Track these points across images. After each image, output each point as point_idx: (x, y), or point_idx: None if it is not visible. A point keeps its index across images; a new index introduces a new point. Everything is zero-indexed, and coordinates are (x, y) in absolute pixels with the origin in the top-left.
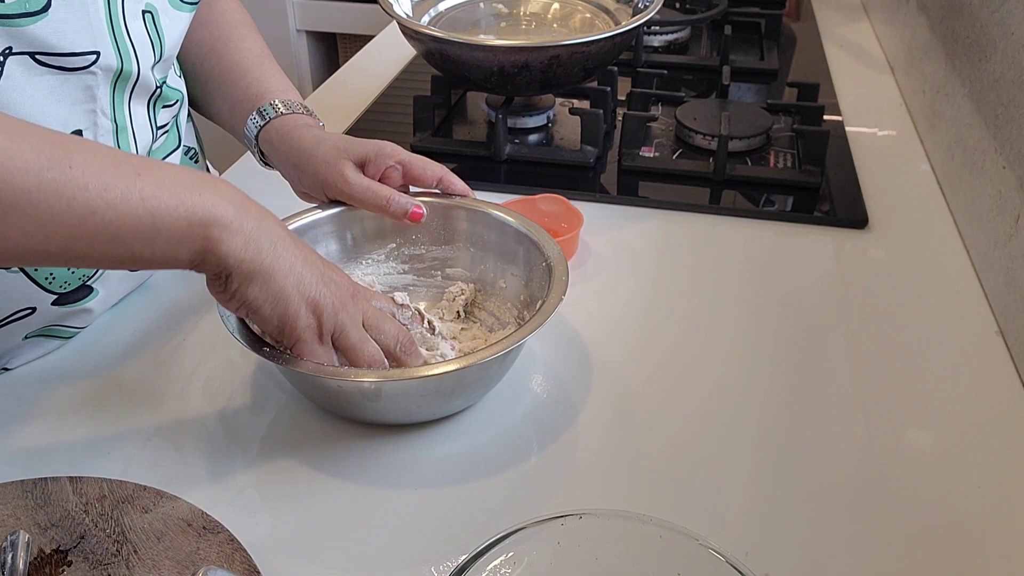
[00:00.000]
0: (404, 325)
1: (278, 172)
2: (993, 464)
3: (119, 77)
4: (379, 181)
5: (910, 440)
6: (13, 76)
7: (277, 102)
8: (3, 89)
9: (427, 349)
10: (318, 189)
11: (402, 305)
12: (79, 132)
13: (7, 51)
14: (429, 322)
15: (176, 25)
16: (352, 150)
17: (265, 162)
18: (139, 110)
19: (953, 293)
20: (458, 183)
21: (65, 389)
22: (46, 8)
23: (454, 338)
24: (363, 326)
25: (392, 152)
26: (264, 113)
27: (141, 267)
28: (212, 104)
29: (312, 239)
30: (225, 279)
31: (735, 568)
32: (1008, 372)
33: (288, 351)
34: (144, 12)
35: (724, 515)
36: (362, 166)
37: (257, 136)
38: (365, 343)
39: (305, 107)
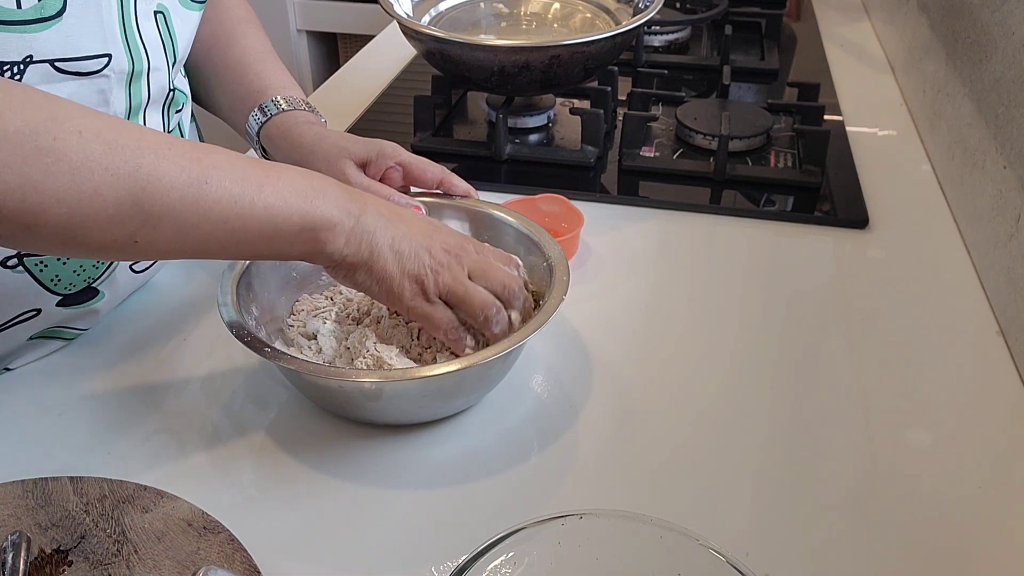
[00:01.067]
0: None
1: None
2: (993, 464)
3: (131, 80)
4: (379, 181)
5: (910, 440)
6: (34, 84)
7: (279, 98)
8: None
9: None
10: None
11: (510, 257)
12: None
13: (27, 60)
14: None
15: (187, 24)
16: (353, 150)
17: (267, 158)
18: (154, 116)
19: (953, 293)
20: (459, 183)
21: (66, 388)
22: (61, 12)
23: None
24: (471, 276)
25: (393, 153)
26: (266, 109)
27: (255, 259)
28: (215, 100)
29: None
30: (334, 268)
31: (735, 568)
32: (1008, 372)
33: (406, 315)
34: (156, 13)
35: (724, 515)
36: (363, 166)
37: (258, 132)
38: (472, 294)
39: (307, 103)
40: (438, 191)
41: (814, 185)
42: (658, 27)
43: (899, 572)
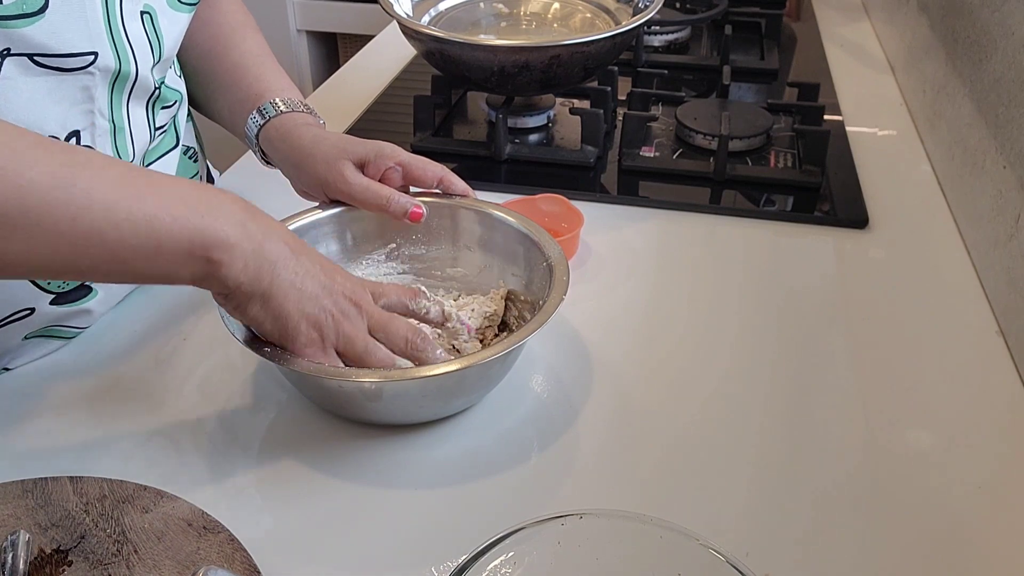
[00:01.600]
0: (419, 317)
1: (279, 171)
2: (993, 464)
3: (117, 78)
4: (379, 182)
5: (910, 440)
6: (10, 76)
7: (277, 101)
8: (0, 89)
9: (453, 340)
10: (318, 188)
11: (420, 291)
12: (76, 132)
13: (5, 52)
14: (442, 311)
15: (175, 26)
16: (352, 150)
17: (266, 161)
18: (137, 111)
19: (953, 293)
20: (458, 183)
21: (65, 388)
22: (43, 9)
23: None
24: (370, 331)
25: (392, 153)
26: (264, 112)
27: (143, 283)
28: (213, 104)
29: (312, 239)
30: (225, 296)
31: (735, 568)
32: (1008, 372)
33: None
34: (143, 13)
35: (724, 515)
36: (362, 167)
37: (257, 135)
38: (372, 352)
39: (306, 105)
40: (438, 191)
41: (814, 185)
42: (658, 27)
43: (899, 572)
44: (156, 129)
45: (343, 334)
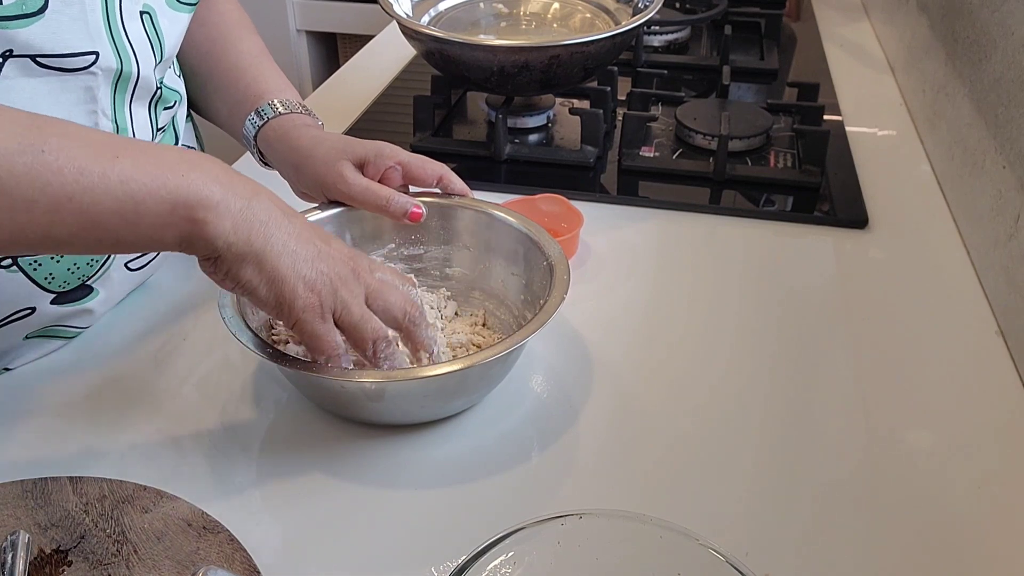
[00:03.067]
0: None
1: (277, 172)
2: (993, 464)
3: (119, 78)
4: (379, 182)
5: (910, 440)
6: (12, 77)
7: (275, 102)
8: (2, 89)
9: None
10: (317, 189)
11: (414, 281)
12: None
13: (7, 53)
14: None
15: (175, 26)
16: (351, 151)
17: (264, 162)
18: (140, 111)
19: (953, 293)
20: (457, 182)
21: (65, 389)
22: (43, 9)
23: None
24: (367, 301)
25: (391, 153)
26: (262, 113)
27: (127, 251)
28: (211, 105)
29: None
30: (215, 261)
31: (735, 568)
32: (1008, 372)
33: (290, 331)
34: (142, 13)
35: (724, 515)
36: (361, 167)
37: (255, 136)
38: (368, 320)
39: (304, 107)
40: (437, 190)
41: (814, 185)
42: (658, 27)
43: (899, 571)
44: (158, 129)
45: (340, 299)
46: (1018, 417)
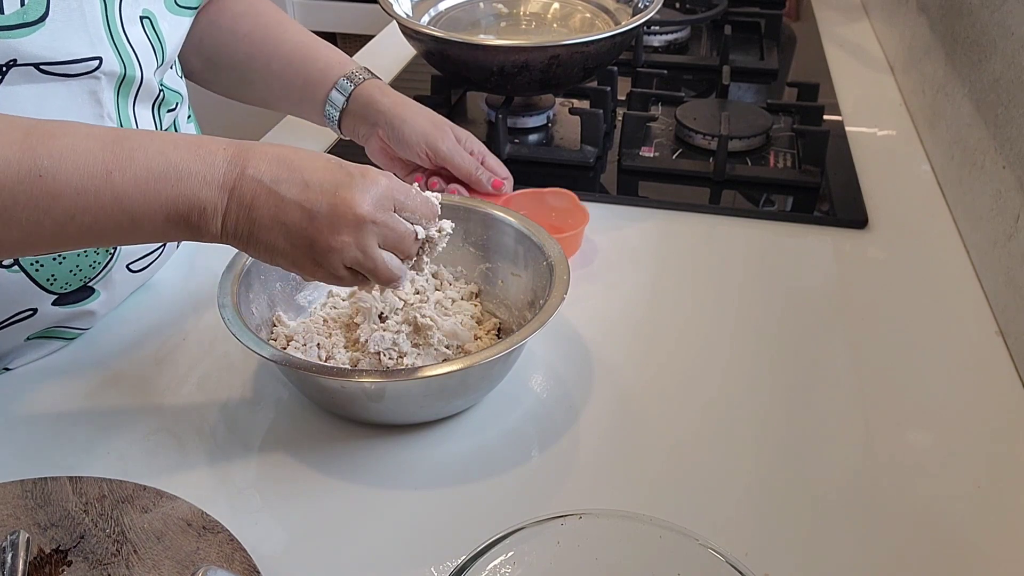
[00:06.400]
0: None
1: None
2: (993, 464)
3: (123, 82)
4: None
5: (910, 440)
6: (17, 83)
7: (358, 69)
8: (7, 95)
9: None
10: (418, 138)
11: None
12: None
13: (11, 63)
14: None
15: (176, 29)
16: (450, 124)
17: (348, 134)
18: (144, 114)
19: (953, 293)
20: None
21: (65, 388)
22: (44, 17)
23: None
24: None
25: (477, 143)
26: (353, 77)
27: (137, 244)
28: (270, 86)
29: None
30: (225, 243)
31: (735, 568)
32: (1008, 372)
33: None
34: (142, 18)
35: (724, 515)
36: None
37: (349, 96)
38: (380, 266)
39: (375, 74)
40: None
41: (813, 185)
42: (657, 27)
43: (898, 571)
44: (163, 131)
45: (335, 260)
46: (1018, 417)
